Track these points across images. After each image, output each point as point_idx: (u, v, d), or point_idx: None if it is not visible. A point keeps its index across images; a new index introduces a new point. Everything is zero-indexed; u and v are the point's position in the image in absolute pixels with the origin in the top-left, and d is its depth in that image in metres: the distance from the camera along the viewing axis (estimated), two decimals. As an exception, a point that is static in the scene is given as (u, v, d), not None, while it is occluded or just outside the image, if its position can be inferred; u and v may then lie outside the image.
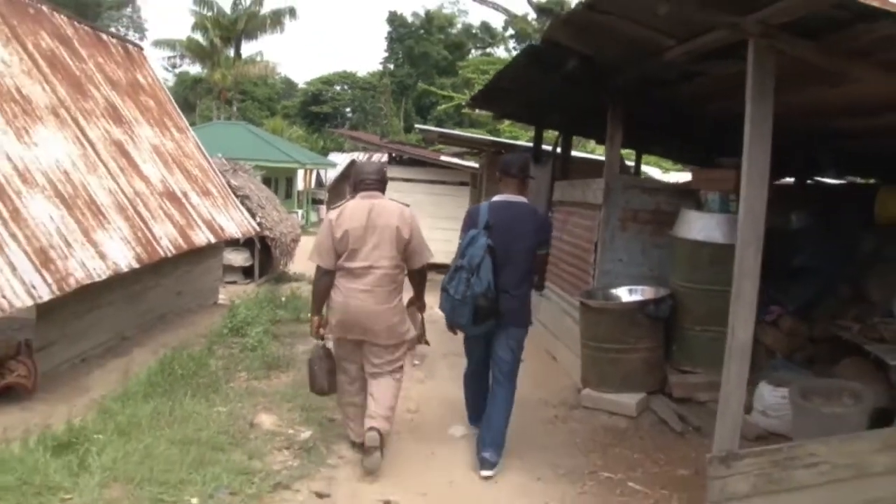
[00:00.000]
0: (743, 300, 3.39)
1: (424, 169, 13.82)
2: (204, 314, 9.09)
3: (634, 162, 10.66)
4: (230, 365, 6.42)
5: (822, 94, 4.52)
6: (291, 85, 51.95)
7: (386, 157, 14.96)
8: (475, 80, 22.90)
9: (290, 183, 26.40)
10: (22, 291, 4.86)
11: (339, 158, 30.34)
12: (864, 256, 6.01)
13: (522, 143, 14.10)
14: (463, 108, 21.73)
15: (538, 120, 9.65)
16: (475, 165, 13.54)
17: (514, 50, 35.91)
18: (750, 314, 3.41)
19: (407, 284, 4.68)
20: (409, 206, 4.60)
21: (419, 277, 4.67)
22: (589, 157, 12.95)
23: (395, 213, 4.39)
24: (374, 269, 4.31)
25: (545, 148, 9.87)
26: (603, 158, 8.65)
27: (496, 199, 4.65)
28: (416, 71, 43.36)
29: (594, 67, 5.49)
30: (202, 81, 38.06)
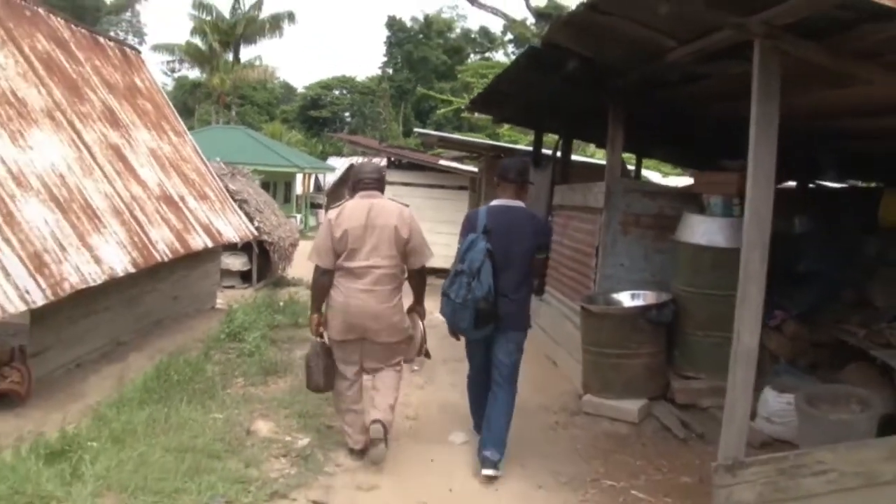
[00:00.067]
0: (749, 305, 3.34)
1: (423, 173, 13.76)
2: (201, 319, 9.02)
3: (635, 166, 10.60)
4: (227, 371, 6.35)
5: (826, 95, 4.47)
6: (290, 89, 51.97)
7: (385, 161, 14.90)
8: (474, 84, 22.83)
9: (288, 187, 26.38)
10: (15, 297, 4.78)
11: (337, 163, 30.31)
12: (867, 260, 5.98)
13: (522, 146, 14.06)
14: (462, 111, 21.70)
15: (538, 123, 9.60)
16: (474, 169, 13.48)
17: (512, 54, 35.92)
18: (756, 319, 3.35)
19: (406, 289, 4.65)
20: (408, 206, 4.59)
21: (419, 279, 4.65)
22: (589, 161, 12.91)
23: (394, 212, 4.40)
24: (374, 268, 4.33)
25: (545, 152, 9.83)
26: (603, 162, 8.59)
27: (494, 203, 4.65)
28: (415, 75, 43.36)
29: (595, 70, 5.44)
30: (201, 86, 38.05)
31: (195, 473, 4.00)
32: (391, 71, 46.10)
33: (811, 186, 8.40)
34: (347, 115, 47.34)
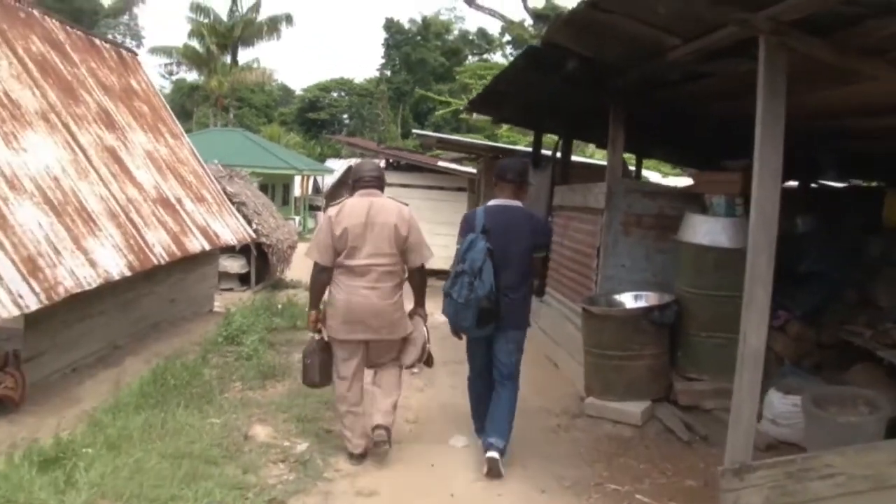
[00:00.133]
0: (755, 306, 3.28)
1: (422, 175, 13.71)
2: (199, 322, 8.94)
3: (635, 166, 10.54)
4: (224, 374, 6.28)
5: (829, 94, 4.41)
6: (288, 92, 51.90)
7: (383, 162, 14.84)
8: (472, 85, 22.73)
9: (286, 189, 26.31)
10: (8, 301, 4.71)
11: (336, 165, 30.21)
12: (871, 260, 5.91)
13: (521, 147, 14.01)
14: (461, 113, 21.62)
15: (537, 124, 9.54)
16: (473, 171, 13.43)
17: (510, 56, 35.88)
18: (762, 320, 3.29)
19: (407, 289, 4.63)
20: (408, 205, 4.61)
21: (419, 278, 4.65)
22: (588, 161, 12.86)
23: (393, 211, 4.43)
24: (374, 266, 4.36)
25: (544, 153, 9.77)
26: (603, 163, 8.53)
27: (491, 203, 4.69)
28: (413, 77, 43.30)
29: (595, 69, 5.38)
30: (199, 89, 37.98)
31: (192, 480, 3.93)
32: (389, 73, 46.04)
33: (813, 186, 8.34)
34: (346, 117, 47.28)
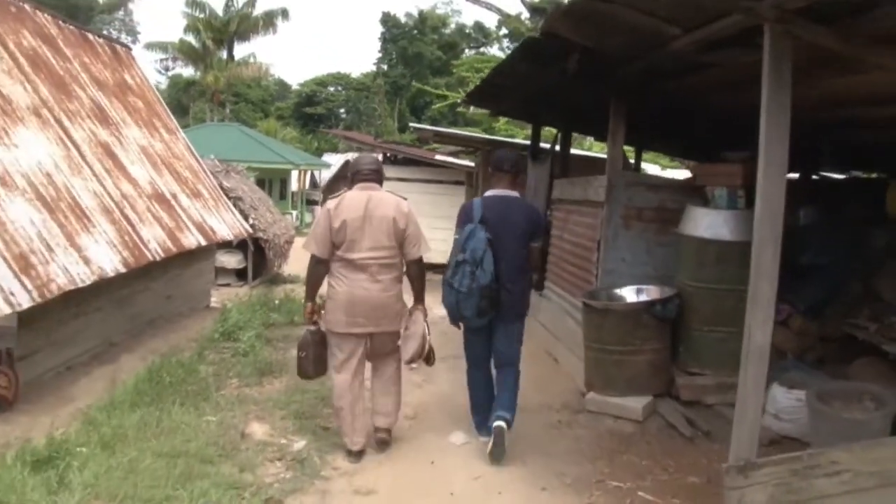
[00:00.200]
0: (760, 301, 3.20)
1: (419, 168, 13.63)
2: (195, 318, 8.87)
3: (635, 158, 10.46)
4: (221, 371, 6.22)
5: (834, 83, 4.34)
6: (285, 86, 51.68)
7: (380, 156, 14.75)
8: (470, 78, 22.62)
9: (284, 184, 26.21)
10: (0, 299, 4.64)
11: (333, 159, 30.18)
12: (874, 253, 5.84)
13: (519, 140, 13.92)
14: (458, 106, 21.56)
15: (536, 117, 9.46)
16: (471, 164, 13.35)
17: (507, 49, 35.66)
18: (768, 315, 3.22)
19: (406, 285, 4.62)
20: (406, 199, 4.60)
21: (418, 272, 4.62)
22: (587, 154, 12.79)
23: (391, 204, 4.45)
24: (374, 259, 4.39)
25: (543, 146, 9.69)
26: (601, 155, 8.44)
27: (489, 193, 4.80)
28: (409, 71, 43.13)
29: (595, 60, 5.29)
30: (195, 84, 37.80)
31: (187, 479, 3.88)
32: (386, 67, 45.85)
33: (814, 177, 8.27)
34: (342, 111, 47.08)
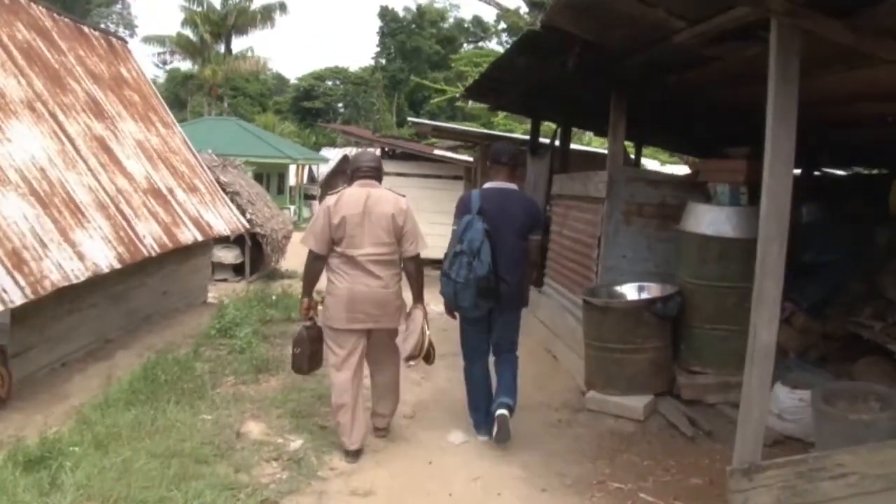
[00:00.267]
0: (766, 300, 3.14)
1: (418, 163, 13.54)
2: (192, 314, 8.80)
3: (634, 153, 10.38)
4: (217, 368, 6.14)
5: (840, 77, 4.26)
6: (283, 81, 51.53)
7: (378, 151, 14.66)
8: (468, 72, 22.50)
9: (281, 178, 26.07)
10: (-8, 296, 4.57)
11: (331, 154, 30.04)
12: (877, 250, 5.78)
13: (517, 135, 13.84)
14: (457, 100, 21.41)
15: (535, 111, 9.37)
16: (469, 159, 13.26)
17: (506, 43, 35.57)
18: (773, 315, 3.16)
19: (405, 285, 4.57)
20: (405, 196, 4.58)
21: (416, 270, 4.57)
22: (586, 149, 12.71)
23: (390, 201, 4.45)
24: (374, 255, 4.38)
25: (542, 140, 9.61)
26: (601, 150, 8.36)
27: (487, 185, 4.82)
28: (408, 65, 42.99)
29: (596, 54, 5.21)
30: (193, 78, 37.61)
31: (181, 480, 3.81)
32: (384, 61, 45.69)
33: (816, 174, 8.20)
34: (340, 105, 46.94)
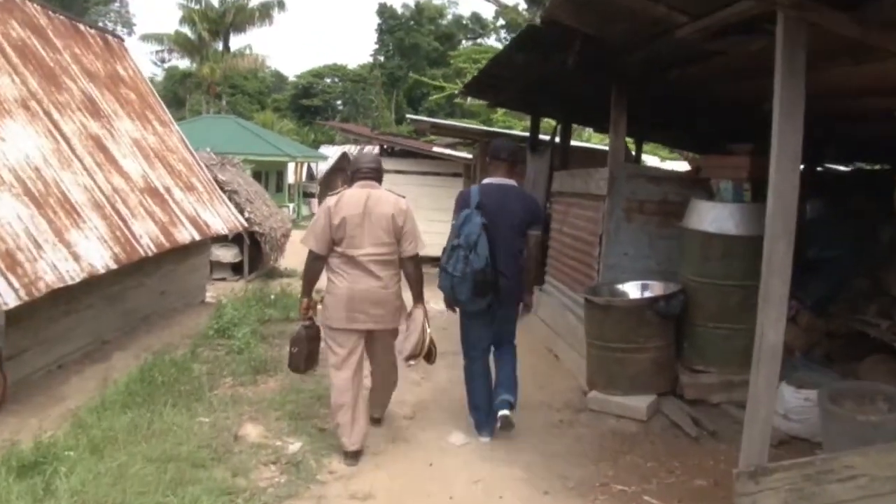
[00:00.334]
0: (772, 299, 3.08)
1: (417, 160, 13.46)
2: (190, 314, 8.73)
3: (635, 150, 10.32)
4: (215, 370, 6.08)
5: (846, 71, 4.18)
6: (281, 78, 51.42)
7: (377, 149, 14.60)
8: (467, 69, 22.48)
9: (280, 176, 26.03)
10: (-15, 298, 4.51)
11: (329, 151, 29.99)
12: (881, 247, 5.71)
13: (517, 132, 13.77)
14: (455, 97, 21.36)
15: (535, 108, 9.30)
16: (468, 156, 13.20)
17: (504, 40, 35.49)
18: (780, 314, 3.10)
19: (405, 285, 4.55)
20: (405, 197, 4.57)
21: (413, 268, 4.54)
22: (586, 146, 12.64)
23: (390, 201, 4.45)
24: (374, 255, 4.38)
25: (542, 137, 9.55)
26: (601, 147, 8.28)
27: (486, 181, 4.87)
28: (406, 62, 42.95)
29: (597, 49, 5.14)
30: (191, 76, 37.56)
31: (178, 485, 3.75)
32: (383, 58, 45.65)
33: (819, 170, 8.12)
34: (339, 103, 46.89)
